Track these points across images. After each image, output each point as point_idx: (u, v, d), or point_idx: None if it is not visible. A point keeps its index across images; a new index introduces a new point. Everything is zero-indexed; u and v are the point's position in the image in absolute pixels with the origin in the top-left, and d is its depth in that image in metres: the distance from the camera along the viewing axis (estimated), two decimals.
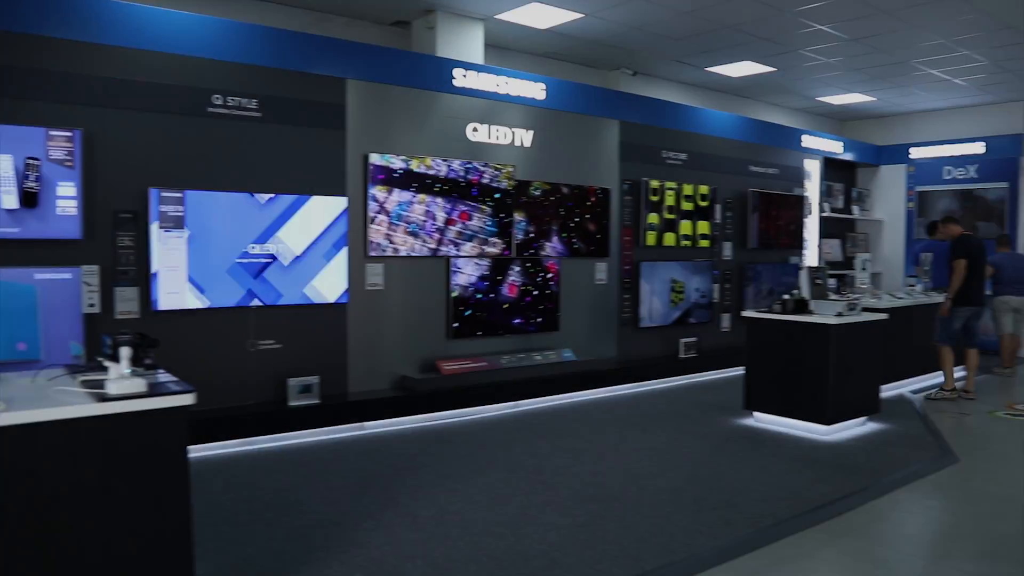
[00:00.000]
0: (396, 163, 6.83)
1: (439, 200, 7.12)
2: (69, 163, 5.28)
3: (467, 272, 7.38)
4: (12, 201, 5.08)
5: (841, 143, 12.28)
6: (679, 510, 4.62)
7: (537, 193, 7.87)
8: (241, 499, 4.74)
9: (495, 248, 7.56)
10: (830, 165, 12.20)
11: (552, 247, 8.04)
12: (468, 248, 7.37)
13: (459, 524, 4.35)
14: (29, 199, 5.12)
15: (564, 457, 5.73)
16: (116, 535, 2.89)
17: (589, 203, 8.32)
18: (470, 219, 7.35)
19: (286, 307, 6.30)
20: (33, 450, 2.72)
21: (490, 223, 7.50)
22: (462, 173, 7.27)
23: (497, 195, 7.53)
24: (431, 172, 7.06)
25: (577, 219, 8.23)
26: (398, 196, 6.87)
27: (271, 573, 3.72)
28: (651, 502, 4.76)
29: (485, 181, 7.44)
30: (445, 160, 7.16)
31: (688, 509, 4.64)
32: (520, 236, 7.76)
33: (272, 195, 6.16)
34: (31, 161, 5.12)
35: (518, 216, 7.72)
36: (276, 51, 6.33)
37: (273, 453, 5.76)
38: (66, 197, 5.29)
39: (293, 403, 6.19)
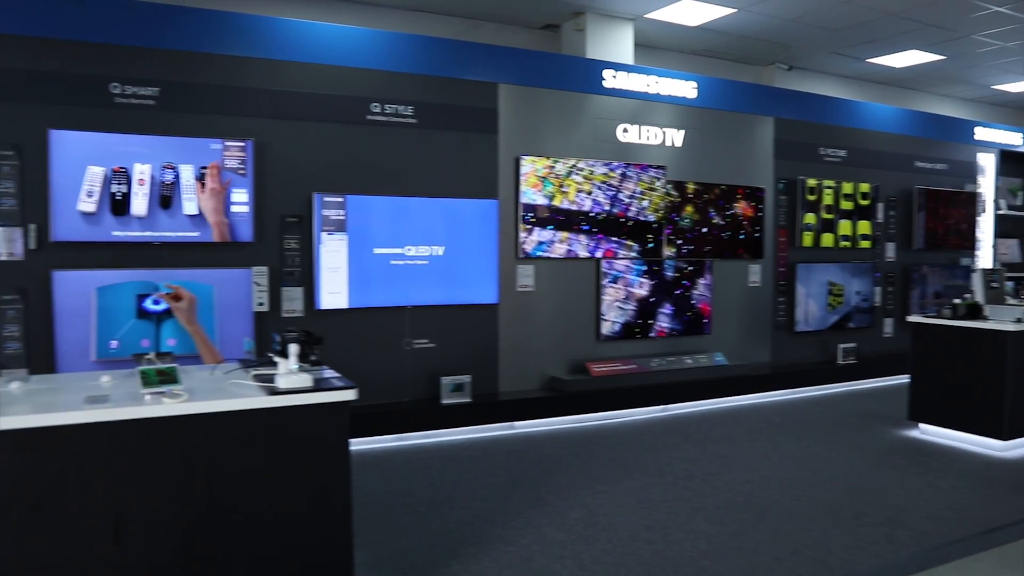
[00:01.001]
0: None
1: (590, 214, 7.13)
2: (242, 171, 5.65)
3: (617, 273, 7.35)
4: (192, 208, 5.51)
5: (1020, 134, 11.38)
6: (837, 524, 4.42)
7: (688, 194, 7.74)
8: (396, 492, 4.91)
9: (646, 250, 7.48)
10: (1007, 159, 11.33)
11: (704, 248, 7.87)
12: (619, 251, 7.33)
13: (607, 527, 4.33)
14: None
15: (715, 464, 5.60)
16: (283, 519, 3.06)
17: (742, 203, 8.10)
18: (620, 226, 7.32)
19: (439, 307, 6.48)
20: (211, 437, 2.94)
21: (640, 225, 7.43)
22: (613, 184, 7.25)
23: (647, 198, 7.45)
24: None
25: (730, 220, 8.03)
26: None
27: (424, 565, 3.83)
28: (807, 514, 4.57)
29: (633, 193, 7.38)
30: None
31: (847, 523, 4.43)
32: (671, 237, 7.65)
33: (427, 198, 6.36)
34: (204, 171, 5.52)
35: (669, 216, 7.61)
36: (430, 59, 6.52)
37: (426, 449, 5.94)
38: (240, 203, 5.67)
39: (446, 401, 6.36)
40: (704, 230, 7.87)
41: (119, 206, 5.32)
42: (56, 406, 2.88)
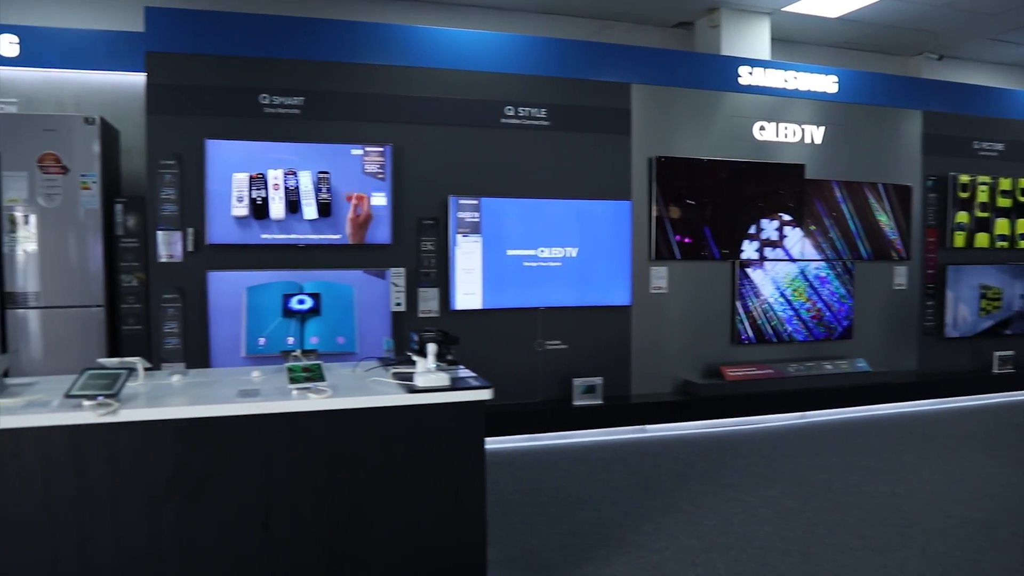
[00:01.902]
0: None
1: (724, 205, 6.98)
2: (381, 175, 5.85)
3: (754, 275, 7.16)
4: (334, 212, 5.75)
5: None
6: (994, 545, 4.13)
7: (828, 192, 7.45)
8: (526, 492, 4.95)
9: (782, 251, 7.26)
10: None
11: (846, 250, 7.56)
12: (754, 251, 7.14)
13: (742, 536, 4.23)
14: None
15: (856, 474, 5.36)
16: (419, 513, 3.15)
17: (887, 202, 7.73)
18: (756, 221, 7.13)
19: (572, 309, 6.50)
20: (353, 432, 3.06)
21: (780, 225, 7.21)
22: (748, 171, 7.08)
23: (786, 198, 7.22)
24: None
25: (874, 220, 7.67)
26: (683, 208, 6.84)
27: (555, 566, 3.85)
28: (958, 533, 4.31)
29: (772, 184, 7.17)
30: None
31: (1004, 544, 4.14)
32: (810, 238, 7.39)
33: (560, 200, 6.39)
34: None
35: (807, 217, 7.35)
36: (563, 61, 6.55)
37: (557, 450, 5.96)
38: (379, 206, 5.86)
39: (577, 402, 6.37)
40: (845, 230, 7.55)
41: (260, 210, 5.61)
42: (212, 399, 3.07)
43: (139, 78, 5.96)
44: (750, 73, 7.24)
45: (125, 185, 6.35)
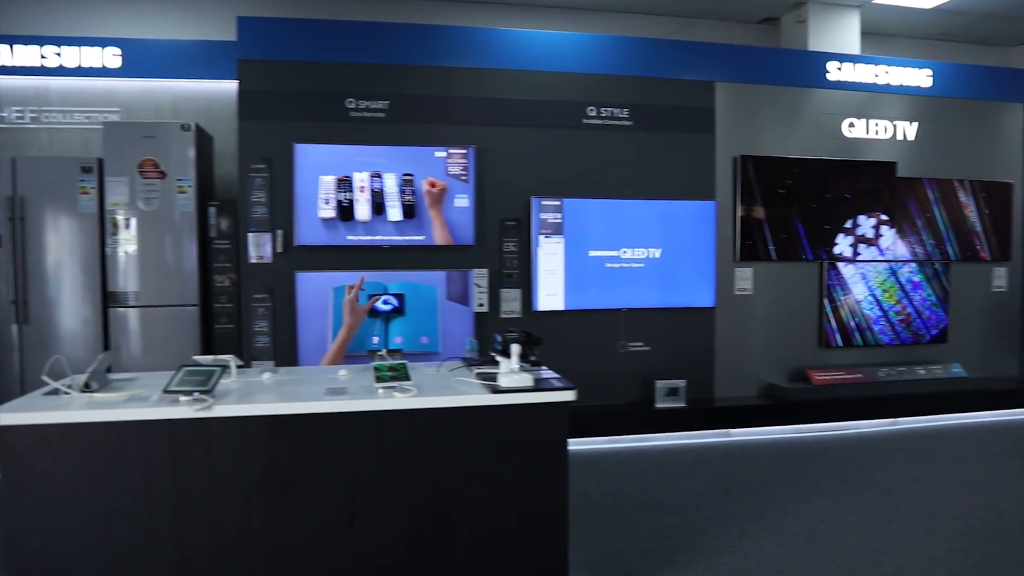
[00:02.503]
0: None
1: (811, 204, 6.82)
2: (464, 177, 5.91)
3: (843, 277, 6.96)
4: (417, 213, 5.83)
5: None
6: None
7: (921, 191, 7.19)
8: (608, 494, 4.93)
9: (872, 251, 7.04)
10: None
11: (938, 250, 7.28)
12: (842, 252, 6.94)
13: (830, 545, 4.11)
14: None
15: (952, 484, 5.16)
16: (501, 513, 3.17)
17: (985, 200, 7.41)
18: (845, 221, 6.93)
19: (655, 310, 6.44)
20: (437, 431, 3.09)
21: (870, 225, 7.00)
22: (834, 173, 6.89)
23: (877, 197, 7.00)
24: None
25: (970, 219, 7.37)
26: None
27: (637, 569, 3.82)
28: None
29: (862, 183, 6.96)
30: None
31: None
32: (902, 238, 7.15)
33: (643, 201, 6.34)
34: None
35: (899, 217, 7.11)
36: (645, 60, 6.50)
37: (639, 452, 5.91)
38: (462, 208, 5.92)
39: (660, 405, 6.30)
40: (938, 230, 7.27)
41: (346, 212, 5.73)
42: (301, 396, 3.15)
43: (231, 85, 6.17)
44: (839, 68, 7.04)
45: (218, 189, 6.57)
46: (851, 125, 7.07)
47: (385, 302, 5.72)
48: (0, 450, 2.84)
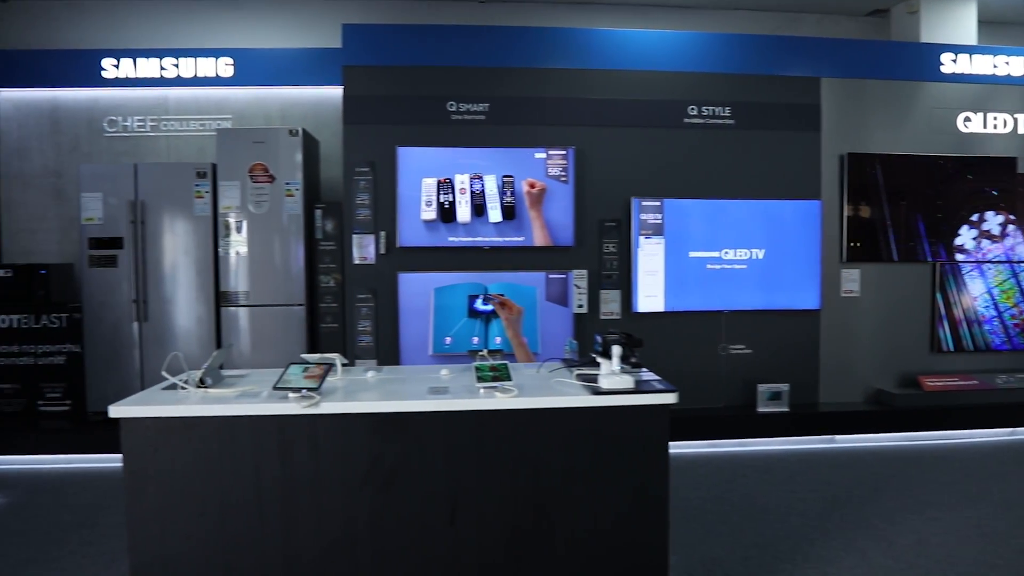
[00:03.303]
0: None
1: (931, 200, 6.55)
2: (564, 178, 5.92)
3: (957, 279, 6.66)
4: (516, 215, 5.87)
5: None
6: None
7: None
8: (709, 499, 4.85)
9: (990, 252, 6.71)
10: None
11: None
12: (957, 252, 6.64)
13: (943, 559, 3.94)
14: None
15: None
16: (601, 516, 3.15)
17: None
18: (961, 221, 6.62)
19: (757, 312, 6.30)
20: (538, 432, 3.10)
21: (988, 224, 6.67)
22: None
23: (995, 194, 6.67)
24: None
25: None
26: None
27: None
28: None
29: (979, 180, 6.64)
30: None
31: None
32: None
33: (745, 201, 6.21)
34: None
35: (1021, 215, 6.75)
36: (748, 57, 6.37)
37: (740, 457, 5.80)
38: (562, 209, 5.94)
39: (762, 409, 6.17)
40: None
41: (448, 214, 5.82)
42: (404, 395, 3.21)
43: (336, 91, 6.36)
44: (953, 60, 6.74)
45: (324, 191, 6.78)
46: (967, 119, 6.75)
47: (485, 303, 5.78)
48: (123, 441, 3.00)
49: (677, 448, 5.86)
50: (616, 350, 3.14)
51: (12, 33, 6.98)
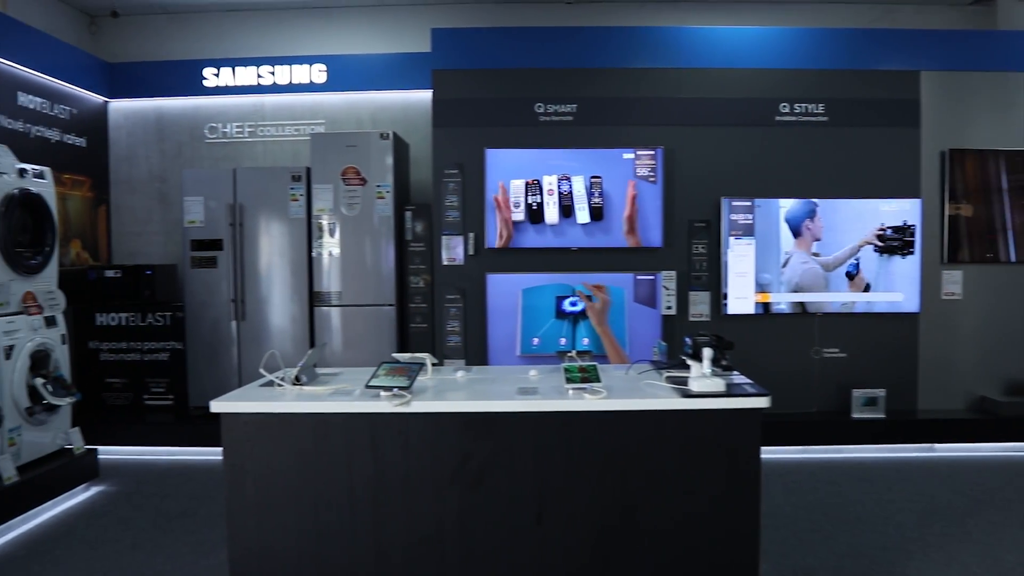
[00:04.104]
0: None
1: None
2: (652, 179, 5.88)
3: None
4: (604, 216, 5.85)
5: None
6: None
7: None
8: (800, 507, 4.74)
9: None
10: None
11: None
12: None
13: None
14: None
15: None
16: (690, 520, 3.12)
17: None
18: None
19: (852, 315, 6.12)
20: (627, 434, 3.09)
21: None
22: None
23: None
24: None
25: None
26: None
27: None
28: None
29: None
30: None
31: None
32: None
33: (839, 200, 6.04)
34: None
35: None
36: (842, 52, 6.20)
37: (833, 464, 5.64)
38: (651, 209, 5.90)
39: (857, 415, 5.99)
40: None
41: (536, 215, 5.84)
42: (493, 395, 3.25)
43: (425, 94, 6.46)
44: None
45: (413, 193, 6.90)
46: None
47: (573, 304, 5.78)
48: (224, 435, 3.13)
49: (767, 453, 5.74)
50: (707, 352, 3.10)
51: (121, 47, 7.34)
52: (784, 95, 6.13)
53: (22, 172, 4.87)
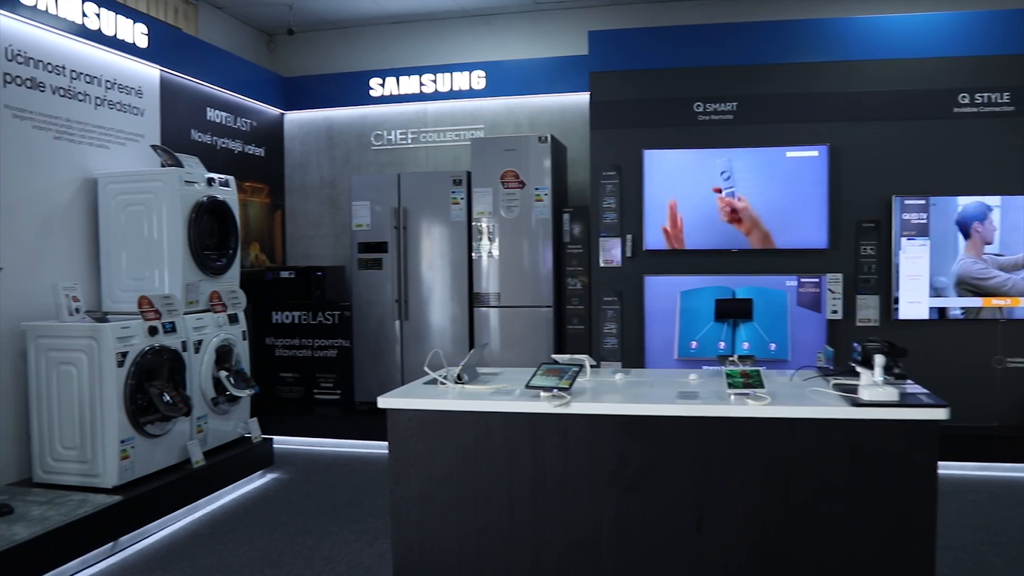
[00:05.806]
0: None
1: None
2: (816, 178, 5.66)
3: None
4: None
5: None
6: None
7: None
8: (979, 528, 4.41)
9: None
10: None
11: None
12: None
13: None
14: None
15: None
16: (857, 536, 2.98)
17: None
18: None
19: None
20: (791, 442, 3.00)
21: None
22: None
23: None
24: None
25: None
26: None
27: None
28: None
29: None
30: None
31: None
32: None
33: None
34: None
35: None
36: None
37: (1019, 483, 5.24)
38: (814, 210, 5.70)
39: None
40: None
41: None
42: (652, 398, 3.24)
43: (582, 97, 6.49)
44: None
45: (571, 196, 6.94)
46: None
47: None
48: (389, 430, 3.28)
49: (943, 469, 5.37)
50: (879, 359, 2.95)
51: (296, 62, 7.81)
52: (963, 84, 5.72)
53: (210, 181, 5.27)
